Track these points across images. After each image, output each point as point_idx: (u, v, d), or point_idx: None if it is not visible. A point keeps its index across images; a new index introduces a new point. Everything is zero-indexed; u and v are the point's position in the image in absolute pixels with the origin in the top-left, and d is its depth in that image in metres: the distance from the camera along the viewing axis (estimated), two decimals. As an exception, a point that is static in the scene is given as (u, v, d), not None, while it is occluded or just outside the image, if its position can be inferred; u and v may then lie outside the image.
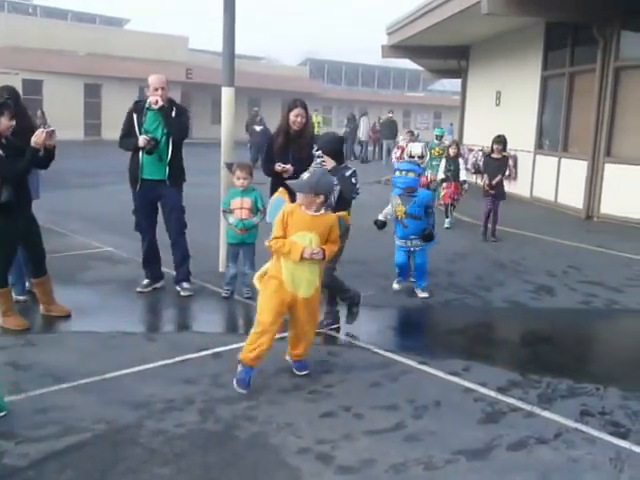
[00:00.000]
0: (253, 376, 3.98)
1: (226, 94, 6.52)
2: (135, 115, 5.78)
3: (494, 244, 8.94)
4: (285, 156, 5.55)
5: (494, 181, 8.89)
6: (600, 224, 11.10)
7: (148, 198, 5.87)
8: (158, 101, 5.65)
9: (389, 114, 24.17)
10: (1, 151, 4.69)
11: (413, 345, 5.07)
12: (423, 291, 6.26)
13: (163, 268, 6.24)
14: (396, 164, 9.73)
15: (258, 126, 19.20)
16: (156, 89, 5.69)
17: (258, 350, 3.92)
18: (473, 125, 17.85)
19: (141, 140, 5.64)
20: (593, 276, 7.32)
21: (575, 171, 11.95)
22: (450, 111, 41.92)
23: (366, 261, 7.28)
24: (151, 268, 6.14)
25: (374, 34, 33.68)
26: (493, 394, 4.08)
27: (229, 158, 6.51)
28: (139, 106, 5.83)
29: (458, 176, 9.85)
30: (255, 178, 5.90)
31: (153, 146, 5.65)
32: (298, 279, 4.02)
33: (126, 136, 5.83)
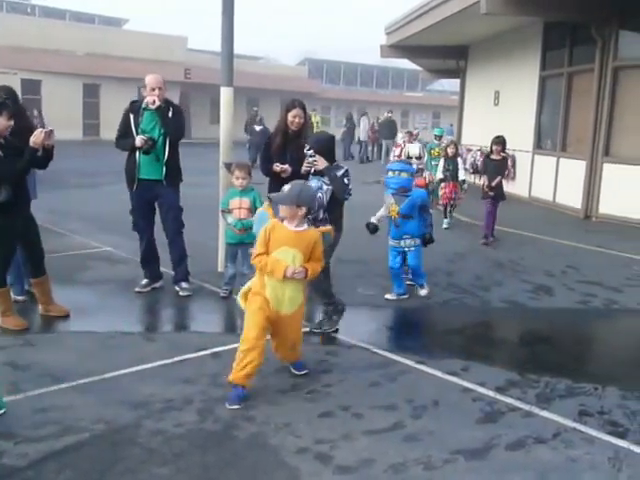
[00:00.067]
0: (245, 392, 3.85)
1: (225, 94, 6.52)
2: (132, 115, 5.77)
3: (493, 244, 8.93)
4: (283, 156, 5.54)
5: (494, 182, 8.75)
6: (598, 224, 11.11)
7: (145, 198, 5.87)
8: (155, 101, 5.65)
9: (389, 114, 24.13)
10: (0, 151, 4.69)
11: (412, 345, 5.07)
12: (422, 288, 6.25)
13: (162, 268, 6.24)
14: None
15: (258, 126, 19.21)
16: (153, 89, 5.68)
17: (249, 367, 3.78)
18: (472, 125, 17.86)
19: (138, 140, 5.63)
20: (592, 276, 7.33)
21: (573, 171, 11.96)
22: (449, 111, 41.94)
23: (366, 261, 7.28)
24: (150, 268, 6.14)
25: (373, 34, 33.76)
26: (491, 394, 4.08)
27: (228, 158, 6.51)
28: (135, 106, 5.82)
29: (457, 176, 9.83)
30: (254, 178, 5.91)
31: (150, 146, 5.65)
32: (281, 296, 3.93)
33: (122, 136, 5.82)
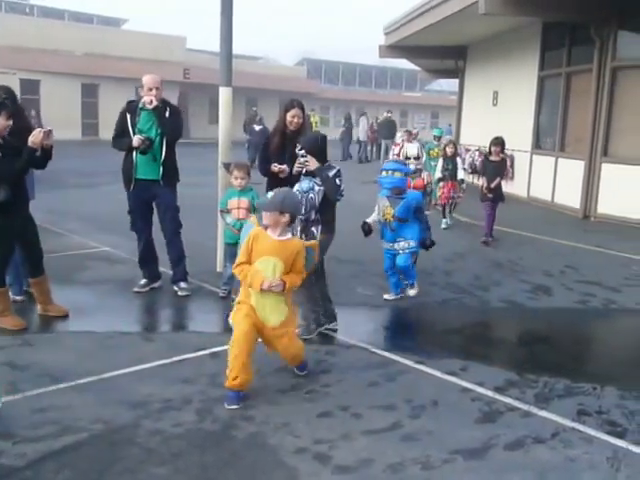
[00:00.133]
0: (244, 393, 3.83)
1: (224, 94, 6.52)
2: (128, 115, 5.76)
3: (492, 244, 8.93)
4: (281, 156, 5.53)
5: (492, 184, 8.71)
6: (597, 224, 11.12)
7: (142, 198, 5.86)
8: (153, 101, 5.64)
9: (388, 114, 24.11)
10: (-2, 151, 4.69)
11: (410, 345, 5.07)
12: (412, 288, 6.12)
13: (160, 268, 6.23)
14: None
15: (257, 126, 19.22)
16: (150, 89, 5.67)
17: (239, 380, 3.76)
18: (470, 125, 17.87)
19: (135, 140, 5.62)
20: (590, 276, 7.33)
21: (572, 171, 11.97)
22: (447, 111, 41.97)
23: (364, 261, 7.27)
24: (148, 268, 6.14)
25: (373, 34, 33.79)
26: (490, 394, 4.08)
27: (226, 158, 6.51)
28: (132, 106, 5.81)
29: (455, 175, 9.82)
30: (252, 178, 5.90)
31: (148, 146, 5.64)
32: (266, 307, 3.87)
33: (119, 136, 5.81)
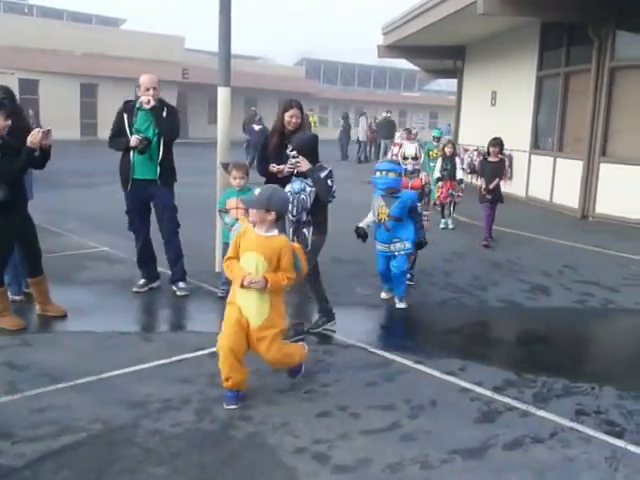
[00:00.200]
0: (242, 393, 3.83)
1: (222, 94, 6.51)
2: (125, 115, 5.75)
3: (491, 244, 8.93)
4: (280, 156, 5.51)
5: (491, 185, 8.70)
6: (595, 224, 11.12)
7: (140, 198, 5.85)
8: (150, 101, 5.64)
9: (388, 114, 24.09)
10: (-3, 151, 4.69)
11: (409, 345, 5.07)
12: (400, 301, 5.91)
13: (159, 268, 6.24)
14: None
15: (257, 125, 19.23)
16: (148, 89, 5.67)
17: (231, 381, 3.76)
18: (469, 125, 17.88)
19: (133, 140, 5.62)
20: (588, 276, 7.34)
21: (570, 171, 11.98)
22: (446, 111, 42.00)
23: (363, 261, 7.27)
24: (146, 268, 6.14)
25: (373, 34, 33.78)
26: (489, 393, 4.09)
27: (225, 158, 6.50)
28: (129, 106, 5.80)
29: (454, 175, 9.82)
30: (251, 178, 5.90)
31: (145, 146, 5.63)
32: (249, 305, 3.80)
33: (116, 136, 5.81)
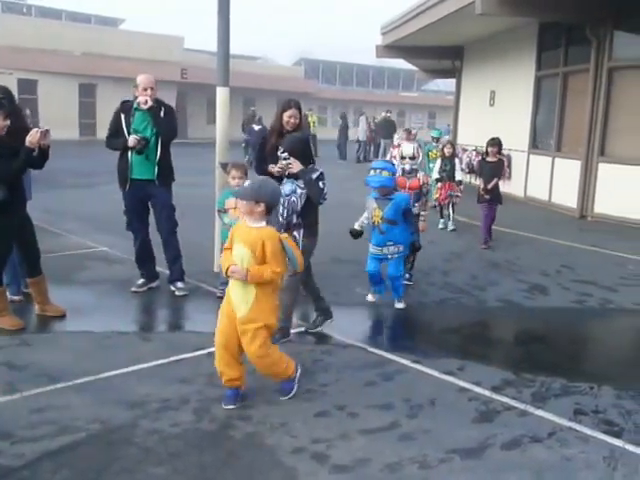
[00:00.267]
0: (241, 393, 3.84)
1: (221, 94, 6.51)
2: (123, 115, 5.75)
3: (490, 244, 8.94)
4: (277, 157, 5.51)
5: (489, 185, 8.68)
6: (594, 224, 11.14)
7: (138, 197, 5.85)
8: (148, 101, 5.64)
9: (388, 114, 24.04)
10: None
11: (408, 344, 5.08)
12: (399, 301, 5.94)
13: (158, 268, 6.24)
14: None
15: (257, 125, 19.24)
16: (145, 89, 5.66)
17: (224, 378, 3.76)
18: (467, 125, 17.88)
19: (131, 140, 5.62)
20: (587, 275, 7.35)
21: (569, 171, 11.99)
22: (444, 111, 41.99)
23: (362, 261, 7.21)
24: (145, 268, 6.14)
25: (372, 34, 33.72)
26: (487, 393, 4.09)
27: (224, 158, 6.50)
28: (126, 106, 5.80)
29: (453, 176, 9.81)
30: (250, 178, 5.90)
31: (143, 145, 5.64)
32: (235, 295, 3.74)
33: (113, 136, 5.81)
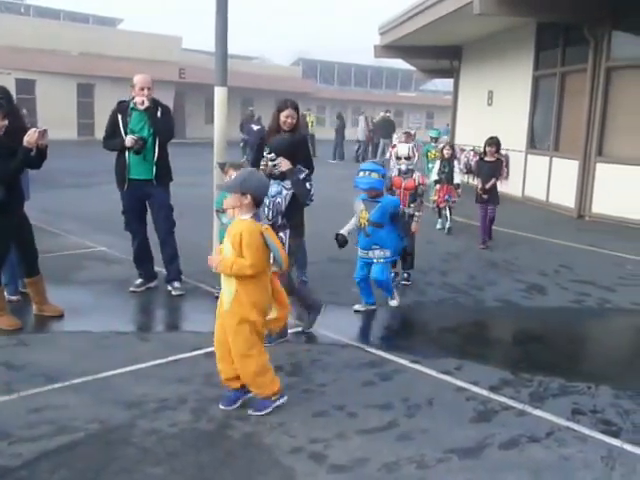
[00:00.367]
0: (240, 395, 3.80)
1: (219, 94, 6.51)
2: (120, 115, 5.75)
3: (488, 244, 8.94)
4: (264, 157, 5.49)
5: (487, 185, 8.67)
6: (592, 223, 11.15)
7: (136, 197, 5.85)
8: (144, 101, 5.64)
9: (387, 113, 24.02)
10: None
11: (406, 344, 5.08)
12: (392, 299, 5.92)
13: (156, 268, 6.23)
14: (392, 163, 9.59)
15: (255, 125, 19.23)
16: (142, 89, 5.67)
17: (222, 376, 3.76)
18: (465, 125, 17.89)
19: (129, 140, 5.61)
20: (585, 275, 7.36)
21: (567, 171, 12.00)
22: (442, 111, 41.99)
23: (359, 261, 7.28)
24: (143, 268, 6.13)
25: (370, 34, 33.71)
26: (485, 393, 4.10)
27: (222, 158, 6.50)
28: (123, 106, 5.79)
29: (452, 178, 9.77)
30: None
31: (141, 146, 5.63)
32: (223, 289, 3.71)
33: (110, 136, 5.80)
